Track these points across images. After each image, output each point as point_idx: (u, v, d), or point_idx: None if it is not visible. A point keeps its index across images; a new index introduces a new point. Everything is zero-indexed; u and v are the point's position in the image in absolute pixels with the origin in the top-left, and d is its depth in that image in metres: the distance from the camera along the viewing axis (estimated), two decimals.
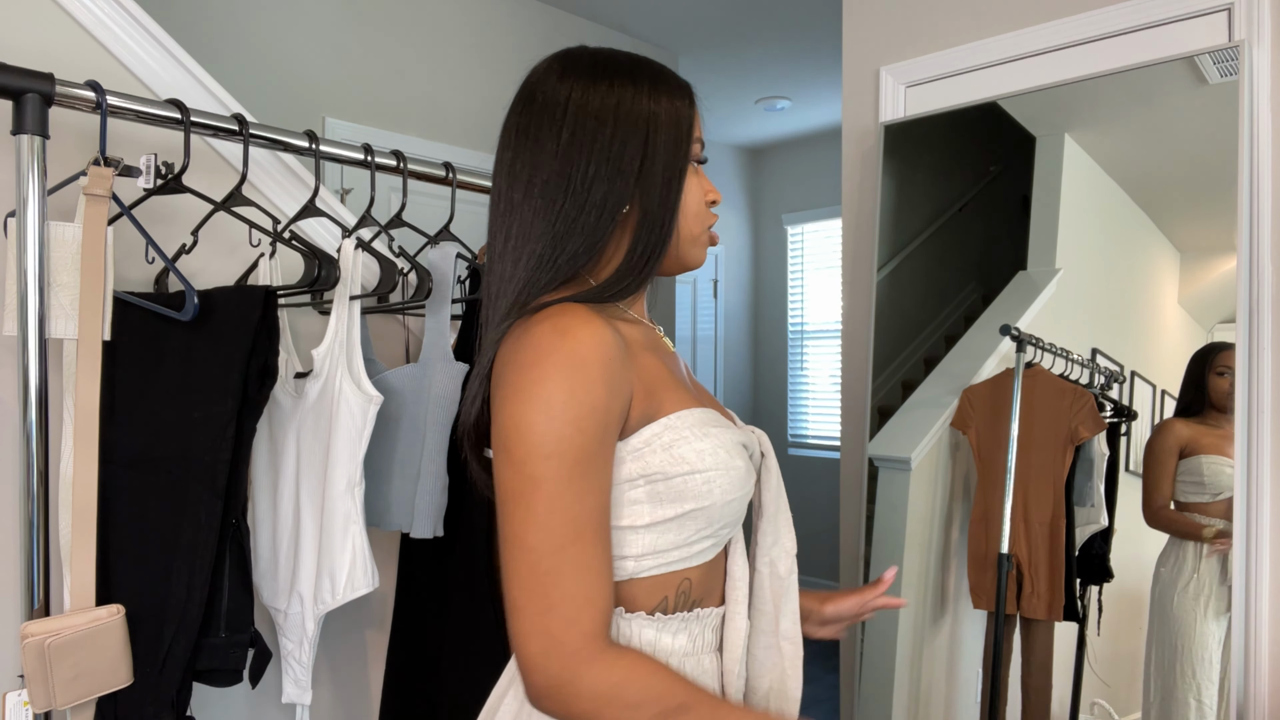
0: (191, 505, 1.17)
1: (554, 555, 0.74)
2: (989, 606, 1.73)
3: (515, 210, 0.86)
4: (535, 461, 0.74)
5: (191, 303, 1.19)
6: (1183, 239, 1.57)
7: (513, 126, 0.89)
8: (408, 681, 1.54)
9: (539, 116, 0.86)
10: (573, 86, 0.86)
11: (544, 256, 0.84)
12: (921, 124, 1.94)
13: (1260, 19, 1.50)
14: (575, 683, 0.74)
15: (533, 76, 0.91)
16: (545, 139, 0.85)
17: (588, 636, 0.74)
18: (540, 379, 0.75)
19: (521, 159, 0.86)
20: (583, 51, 0.91)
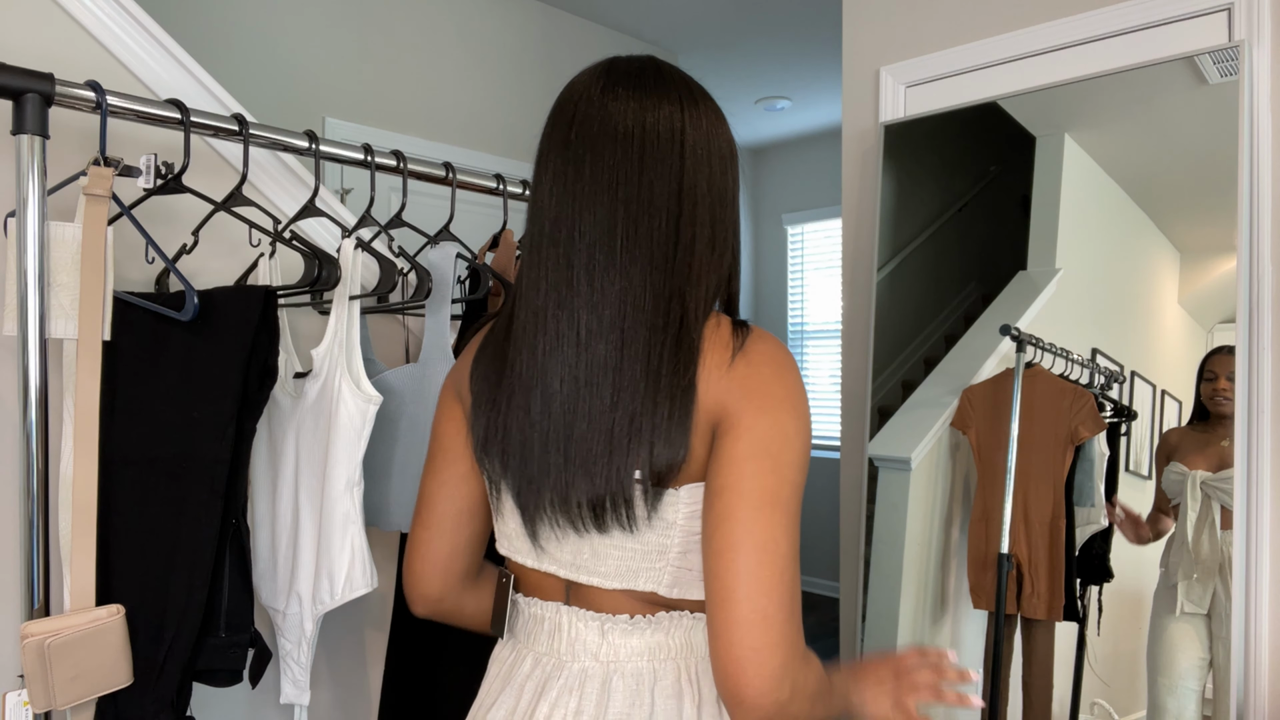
0: (191, 505, 1.17)
1: (795, 562, 0.75)
2: (989, 606, 1.73)
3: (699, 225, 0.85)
4: (795, 470, 0.76)
5: (191, 303, 1.19)
6: (1183, 239, 1.57)
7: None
8: (407, 682, 1.54)
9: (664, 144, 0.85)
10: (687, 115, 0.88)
11: (722, 278, 0.85)
12: (921, 124, 1.94)
13: (1260, 19, 1.50)
14: (806, 685, 0.75)
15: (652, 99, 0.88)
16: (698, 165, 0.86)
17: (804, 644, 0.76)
18: (800, 394, 0.79)
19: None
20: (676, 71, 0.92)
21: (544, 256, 0.84)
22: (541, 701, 0.84)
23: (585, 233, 0.82)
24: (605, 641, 0.84)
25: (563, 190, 0.84)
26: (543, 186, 0.86)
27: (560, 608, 0.88)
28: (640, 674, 0.83)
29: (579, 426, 0.80)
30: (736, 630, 0.72)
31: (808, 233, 5.57)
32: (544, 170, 0.86)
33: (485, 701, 0.92)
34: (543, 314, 0.83)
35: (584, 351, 0.80)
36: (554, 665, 0.86)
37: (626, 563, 0.83)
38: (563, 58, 3.58)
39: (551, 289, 0.83)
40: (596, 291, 0.81)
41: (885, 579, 1.88)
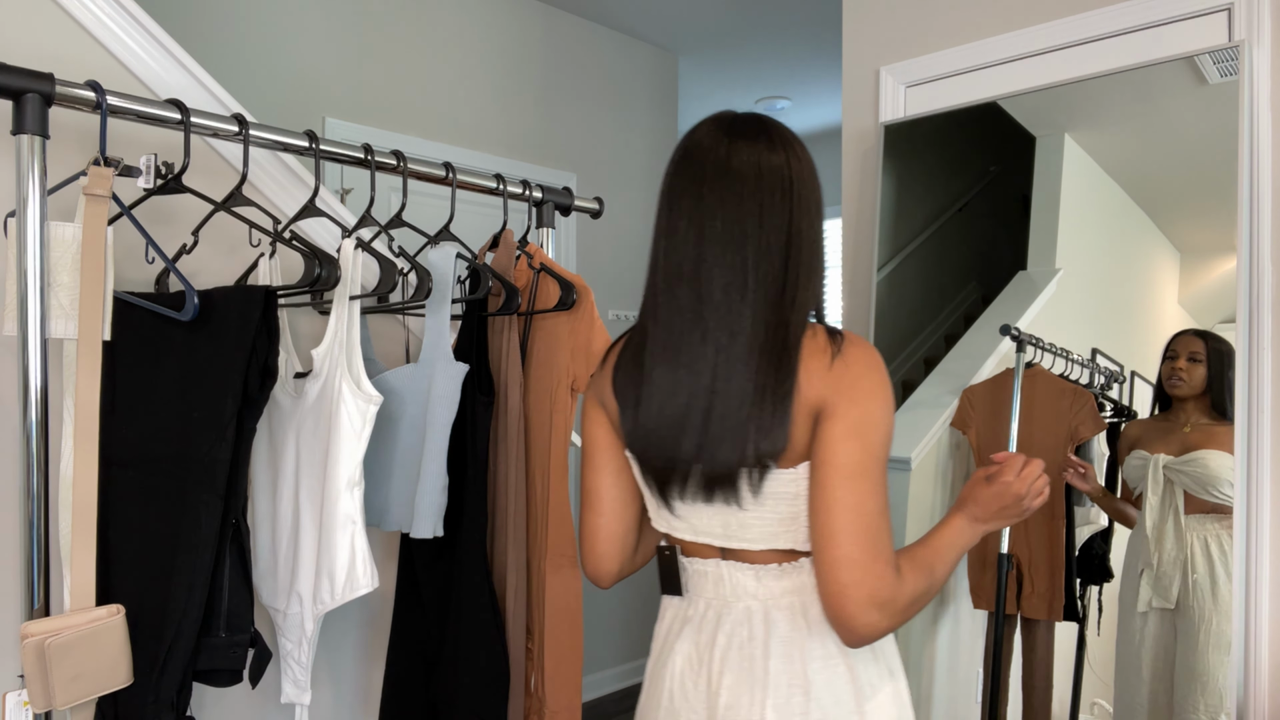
0: (191, 505, 1.17)
1: (880, 517, 0.98)
2: (989, 606, 1.73)
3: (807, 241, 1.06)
4: (879, 448, 0.99)
5: (191, 303, 1.19)
6: (1183, 239, 1.57)
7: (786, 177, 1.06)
8: (408, 681, 1.54)
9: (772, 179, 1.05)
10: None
11: (817, 300, 1.07)
12: (921, 124, 1.94)
13: (1260, 19, 1.50)
14: (898, 598, 0.97)
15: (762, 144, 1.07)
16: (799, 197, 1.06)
17: (896, 569, 0.98)
18: (885, 386, 1.01)
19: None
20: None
21: (681, 290, 1.04)
22: (719, 633, 1.08)
23: (721, 274, 1.02)
24: (761, 585, 1.08)
25: (698, 237, 1.03)
26: (677, 231, 1.05)
27: (720, 563, 1.10)
28: (793, 606, 1.06)
29: (713, 429, 1.02)
30: (834, 570, 0.96)
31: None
32: (676, 214, 1.06)
33: (669, 637, 1.15)
34: (685, 337, 1.04)
35: (721, 370, 1.01)
36: (722, 606, 1.10)
37: (767, 529, 1.05)
38: (563, 58, 3.58)
39: (694, 319, 1.03)
40: (726, 321, 1.01)
41: None
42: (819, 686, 1.03)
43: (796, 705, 1.03)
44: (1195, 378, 1.50)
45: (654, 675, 1.16)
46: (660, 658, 1.16)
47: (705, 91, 4.54)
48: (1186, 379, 1.49)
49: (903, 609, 0.98)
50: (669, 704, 1.11)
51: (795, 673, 1.04)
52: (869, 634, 0.97)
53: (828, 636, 1.05)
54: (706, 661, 1.09)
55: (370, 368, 1.45)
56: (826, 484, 0.97)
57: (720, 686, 1.06)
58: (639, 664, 3.88)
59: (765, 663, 1.05)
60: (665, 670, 1.13)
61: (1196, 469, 1.48)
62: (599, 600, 3.71)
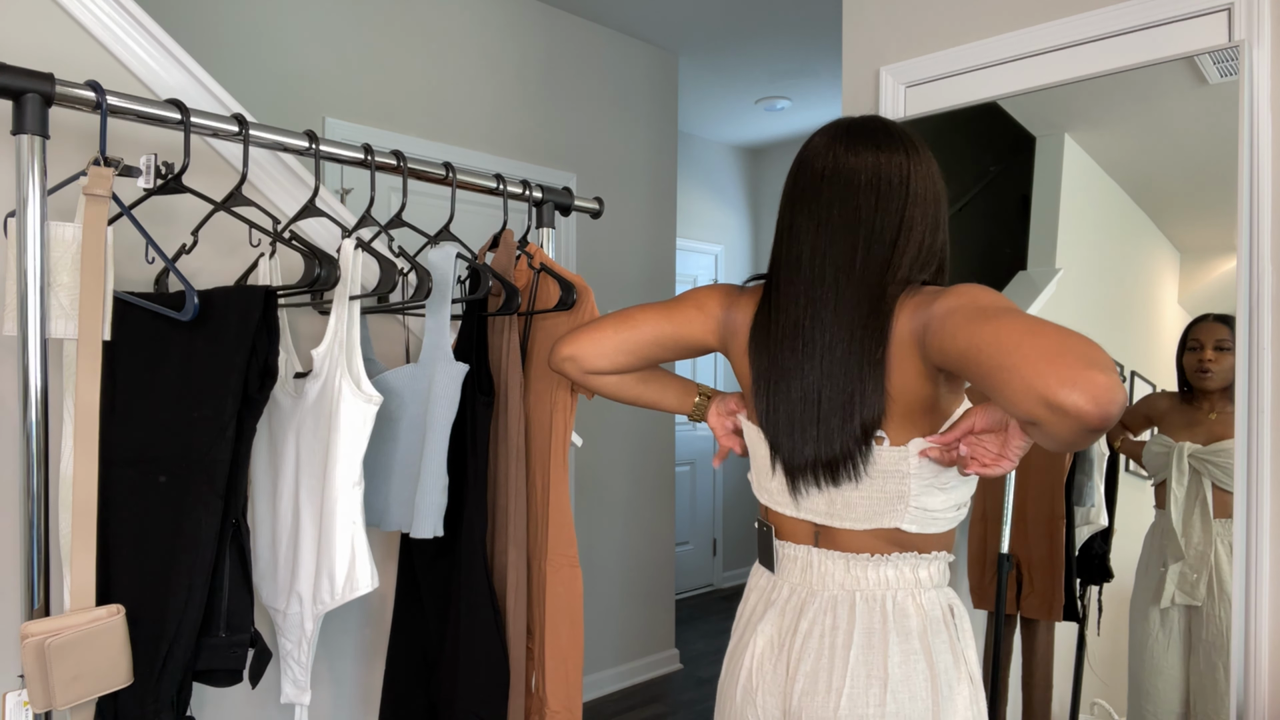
0: (191, 505, 1.17)
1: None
2: (989, 606, 1.73)
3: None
4: (1001, 298, 0.97)
5: (191, 303, 1.19)
6: (1183, 239, 1.57)
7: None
8: (407, 681, 1.54)
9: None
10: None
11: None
12: (921, 124, 1.94)
13: (1260, 19, 1.50)
14: (1106, 363, 0.84)
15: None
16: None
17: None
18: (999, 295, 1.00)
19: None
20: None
21: (799, 279, 1.11)
22: (802, 619, 1.11)
23: (832, 262, 1.08)
24: (849, 575, 1.10)
25: (815, 231, 1.10)
26: (797, 227, 1.12)
27: (811, 550, 1.14)
28: (880, 599, 1.08)
29: (824, 407, 1.07)
30: (1054, 365, 0.81)
31: None
32: (796, 212, 1.13)
33: (753, 619, 1.18)
34: (799, 325, 1.10)
35: (828, 352, 1.07)
36: (807, 592, 1.13)
37: (873, 508, 1.08)
38: (563, 58, 3.58)
39: (807, 304, 1.09)
40: (839, 306, 1.07)
41: None
42: (897, 680, 1.04)
43: (873, 696, 1.04)
44: (1224, 367, 1.40)
45: (734, 654, 1.20)
46: (742, 639, 1.19)
47: (705, 91, 4.54)
48: (1216, 370, 1.39)
49: (1106, 361, 0.83)
50: (746, 682, 1.14)
51: (875, 664, 1.05)
52: (1106, 393, 0.79)
53: (911, 633, 1.07)
54: (787, 646, 1.11)
55: (370, 368, 1.45)
56: (987, 338, 0.87)
57: (798, 672, 1.09)
58: (639, 664, 3.89)
59: (846, 652, 1.07)
60: (746, 651, 1.16)
61: (1225, 458, 1.38)
62: (599, 600, 3.71)
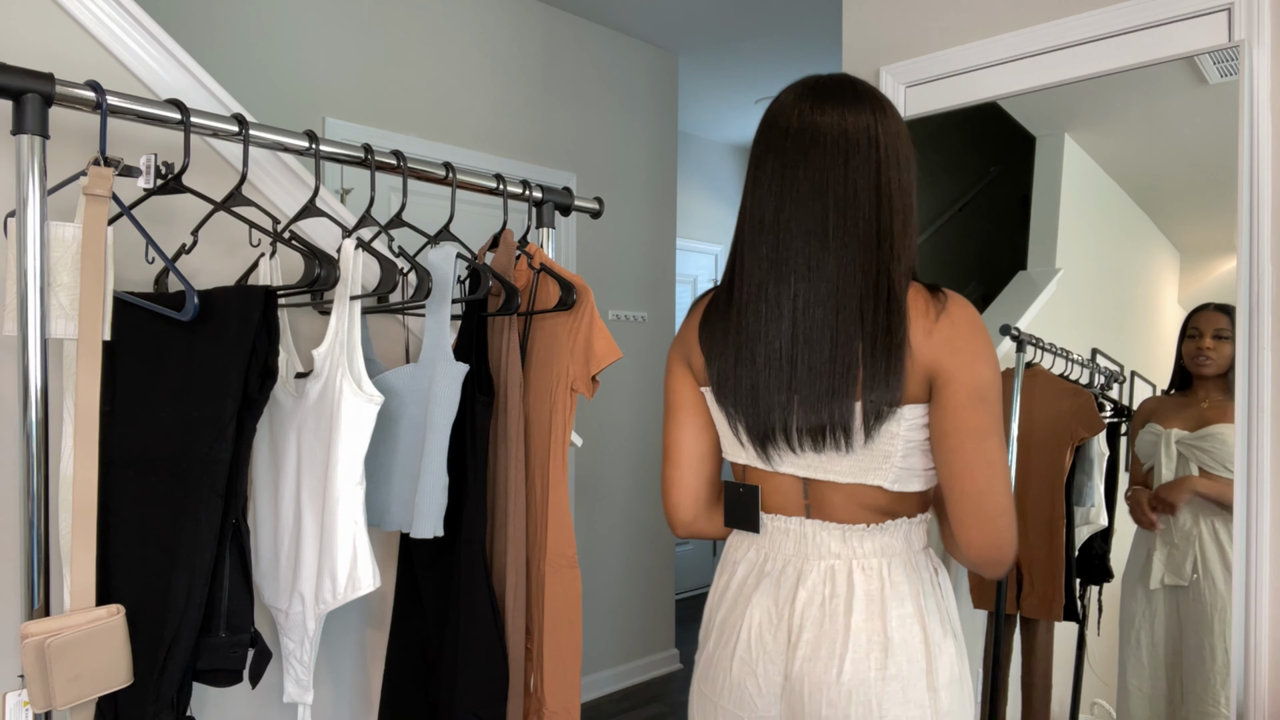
0: (192, 505, 1.17)
1: (1007, 464, 1.06)
2: (989, 606, 1.73)
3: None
4: (998, 404, 1.05)
5: (191, 303, 1.19)
6: (1183, 239, 1.57)
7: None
8: (407, 681, 1.54)
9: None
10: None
11: (912, 255, 1.11)
12: (921, 124, 1.94)
13: (1260, 19, 1.50)
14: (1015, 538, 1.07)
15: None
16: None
17: None
18: (990, 344, 1.06)
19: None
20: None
21: (762, 240, 1.08)
22: (800, 589, 1.12)
23: (800, 222, 1.06)
24: (846, 545, 1.12)
25: (780, 189, 1.07)
26: (760, 185, 1.09)
27: (804, 521, 1.15)
28: (876, 567, 1.11)
29: (800, 373, 1.06)
30: (994, 520, 1.03)
31: None
32: (761, 172, 1.10)
33: (744, 590, 1.18)
34: (763, 287, 1.08)
35: (801, 316, 1.06)
36: (803, 563, 1.14)
37: (858, 464, 1.09)
38: (563, 58, 3.58)
39: (771, 267, 1.07)
40: (812, 270, 1.05)
41: None
42: (897, 644, 1.08)
43: (874, 660, 1.07)
44: (1223, 355, 1.44)
45: (725, 626, 1.19)
46: (734, 611, 1.18)
47: (705, 91, 4.54)
48: (1214, 357, 1.43)
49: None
50: (745, 654, 1.15)
51: (875, 630, 1.08)
52: (1007, 564, 1.07)
53: (906, 597, 1.11)
54: (786, 616, 1.12)
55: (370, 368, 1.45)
56: (960, 449, 1.03)
57: (800, 640, 1.10)
58: (639, 664, 3.88)
59: (847, 619, 1.09)
60: (742, 624, 1.16)
61: (1212, 444, 1.43)
62: (599, 600, 3.71)
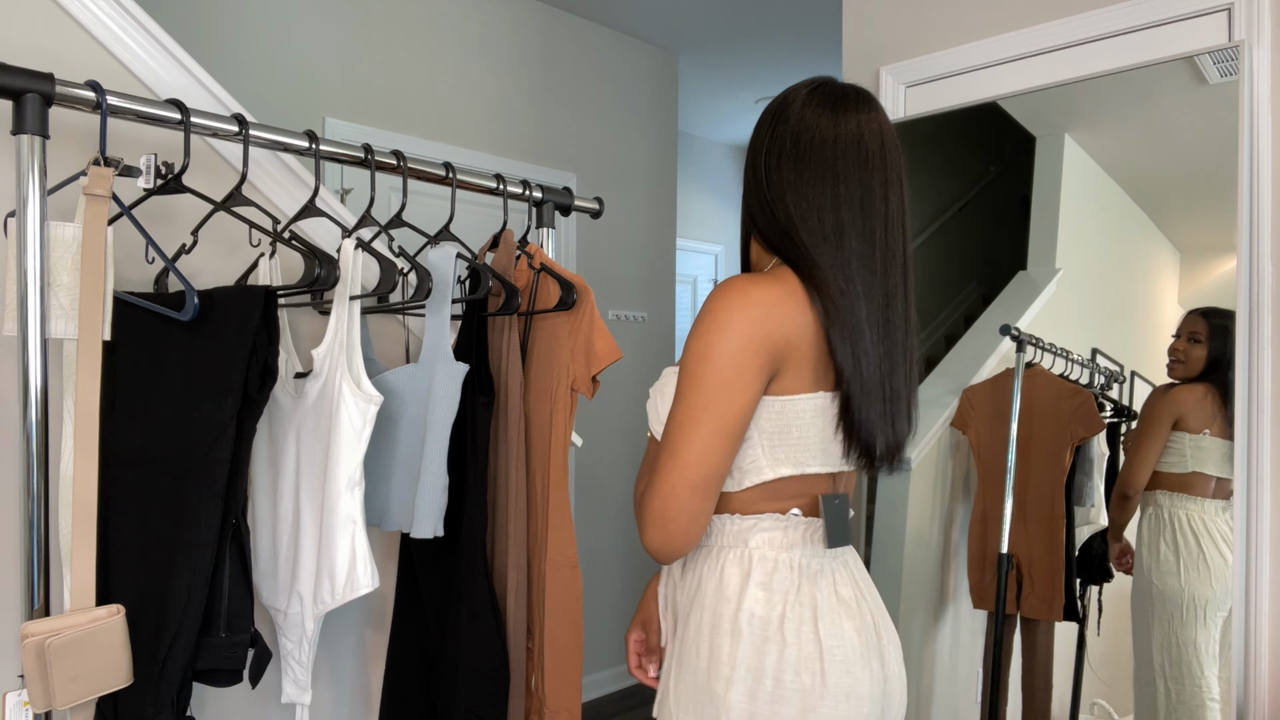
0: (191, 505, 1.17)
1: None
2: (989, 606, 1.73)
3: None
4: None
5: (191, 303, 1.19)
6: (1183, 239, 1.57)
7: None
8: (407, 681, 1.54)
9: None
10: None
11: None
12: (921, 124, 1.94)
13: (1260, 19, 1.50)
14: None
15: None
16: None
17: None
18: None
19: None
20: None
21: (892, 271, 1.10)
22: (857, 576, 1.17)
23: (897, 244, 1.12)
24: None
25: (866, 214, 1.08)
26: (851, 199, 1.08)
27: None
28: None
29: (910, 392, 1.15)
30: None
31: None
32: (842, 183, 1.08)
33: (859, 613, 1.13)
34: (893, 296, 1.12)
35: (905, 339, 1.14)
36: (844, 553, 1.16)
37: None
38: (563, 58, 3.58)
39: (883, 293, 1.10)
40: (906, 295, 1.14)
41: (885, 579, 1.88)
42: None
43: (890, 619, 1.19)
44: (1193, 359, 1.48)
45: (868, 678, 1.08)
46: (840, 633, 1.08)
47: (705, 91, 4.54)
48: (1183, 360, 1.47)
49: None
50: (891, 673, 1.11)
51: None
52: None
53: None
54: (865, 594, 1.14)
55: (370, 368, 1.45)
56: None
57: (882, 627, 1.13)
58: None
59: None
60: (882, 631, 1.13)
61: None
62: (599, 600, 3.71)
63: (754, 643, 1.05)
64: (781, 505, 1.11)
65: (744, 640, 1.05)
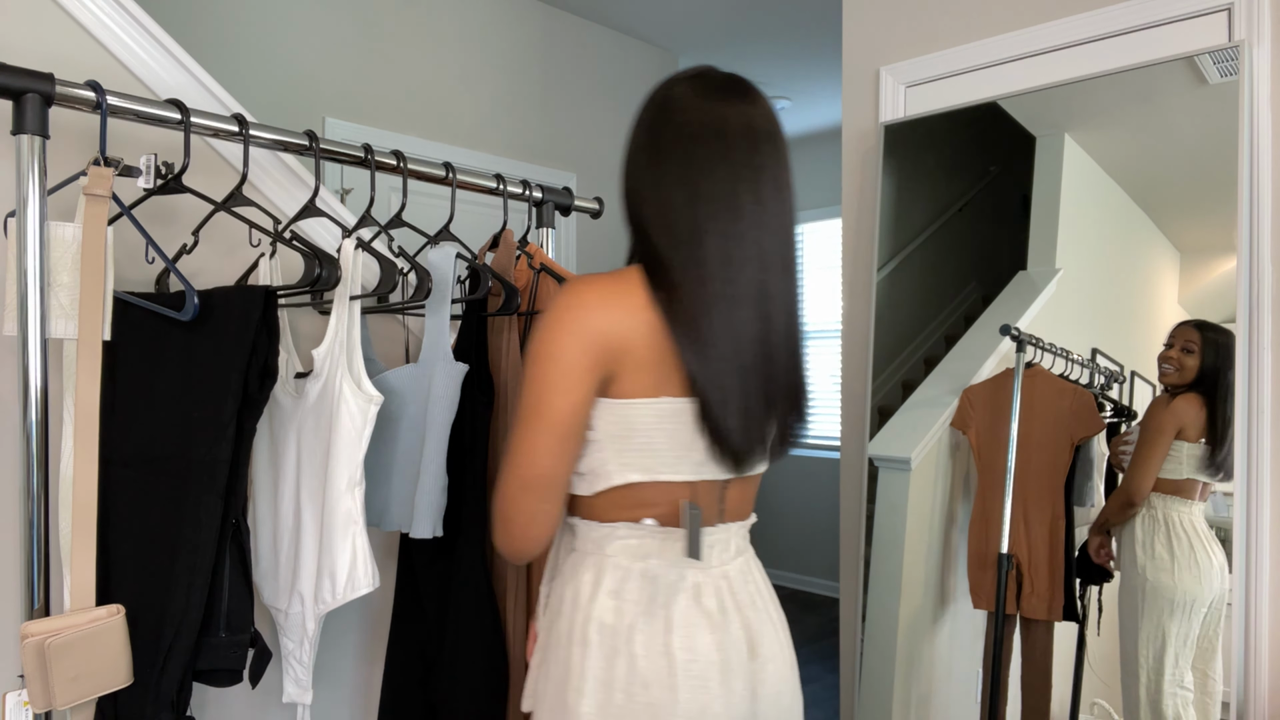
0: (191, 505, 1.17)
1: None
2: (989, 606, 1.73)
3: None
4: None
5: (191, 303, 1.19)
6: (1183, 239, 1.57)
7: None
8: (407, 681, 1.54)
9: None
10: None
11: None
12: (921, 124, 1.94)
13: (1260, 19, 1.50)
14: None
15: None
16: None
17: None
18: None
19: None
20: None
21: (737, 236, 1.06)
22: (741, 593, 1.13)
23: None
24: (744, 538, 1.18)
25: (742, 187, 1.03)
26: (722, 180, 1.03)
27: (728, 526, 1.13)
28: (753, 560, 1.18)
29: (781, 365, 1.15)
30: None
31: (808, 232, 5.57)
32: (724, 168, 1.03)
33: (710, 618, 1.08)
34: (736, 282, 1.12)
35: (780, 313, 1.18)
36: (727, 566, 1.13)
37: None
38: (563, 58, 3.58)
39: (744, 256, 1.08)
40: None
41: (885, 579, 1.88)
42: (780, 624, 1.15)
43: (787, 642, 1.15)
44: (1187, 367, 1.52)
45: (704, 680, 1.03)
46: (698, 656, 1.03)
47: None
48: (1176, 368, 1.51)
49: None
50: (723, 691, 1.03)
51: (777, 616, 1.15)
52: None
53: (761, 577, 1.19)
54: (743, 633, 1.08)
55: (370, 368, 1.45)
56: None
57: (760, 651, 1.08)
58: None
59: (771, 611, 1.14)
60: (715, 657, 1.04)
61: (1129, 444, 1.55)
62: None
63: (604, 653, 1.02)
64: (635, 513, 1.06)
65: (592, 650, 1.02)
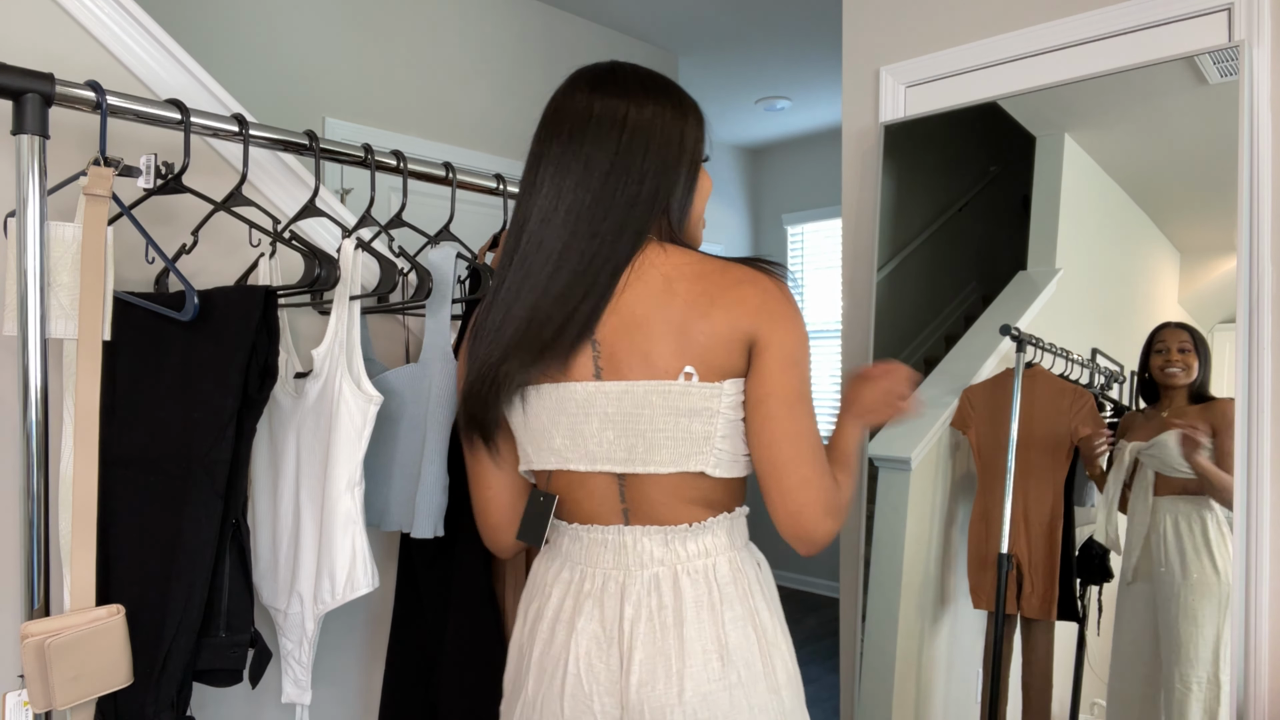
0: (191, 505, 1.17)
1: (821, 439, 1.05)
2: (989, 606, 1.73)
3: None
4: (809, 371, 1.04)
5: (191, 303, 1.19)
6: (1183, 239, 1.57)
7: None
8: (407, 681, 1.54)
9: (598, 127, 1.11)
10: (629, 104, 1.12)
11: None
12: (922, 124, 1.94)
13: (1260, 19, 1.50)
14: (840, 502, 1.05)
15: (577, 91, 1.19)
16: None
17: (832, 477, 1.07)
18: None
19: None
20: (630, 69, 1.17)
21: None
22: (625, 605, 1.03)
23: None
24: (669, 550, 1.05)
25: (534, 207, 1.12)
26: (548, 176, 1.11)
27: (622, 529, 1.07)
28: (703, 569, 1.05)
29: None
30: (791, 494, 1.03)
31: (808, 233, 5.57)
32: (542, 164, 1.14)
33: (561, 616, 1.08)
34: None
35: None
36: (625, 576, 1.05)
37: (678, 449, 1.02)
38: (563, 58, 3.58)
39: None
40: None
41: (885, 579, 1.88)
42: (734, 648, 1.01)
43: (714, 670, 0.99)
44: (1191, 366, 1.53)
45: (546, 661, 1.07)
46: (553, 641, 1.08)
47: (705, 91, 4.54)
48: (1183, 369, 1.52)
49: (843, 510, 1.07)
50: (575, 689, 1.03)
51: (710, 637, 1.01)
52: (827, 539, 1.04)
53: (734, 599, 1.03)
54: (615, 638, 1.03)
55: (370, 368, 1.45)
56: (778, 424, 1.04)
57: (633, 663, 1.01)
58: None
59: (680, 629, 1.01)
60: (567, 655, 1.05)
61: (1158, 450, 1.53)
62: None
63: (516, 641, 1.18)
64: None
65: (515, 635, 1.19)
